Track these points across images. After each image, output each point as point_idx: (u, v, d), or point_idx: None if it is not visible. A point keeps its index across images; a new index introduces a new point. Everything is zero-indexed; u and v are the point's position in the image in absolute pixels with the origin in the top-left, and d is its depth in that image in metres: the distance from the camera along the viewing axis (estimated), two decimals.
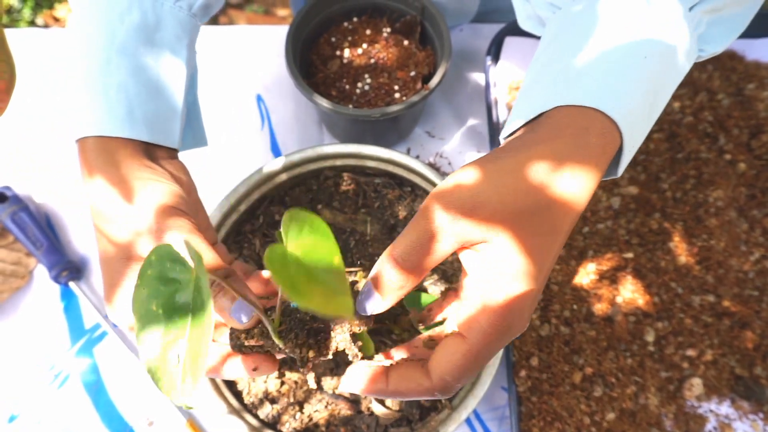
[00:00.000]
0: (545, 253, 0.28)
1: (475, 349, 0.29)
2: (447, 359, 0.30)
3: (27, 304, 0.65)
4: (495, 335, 0.28)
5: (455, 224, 0.28)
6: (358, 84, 0.67)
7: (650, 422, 0.59)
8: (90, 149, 0.39)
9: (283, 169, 0.59)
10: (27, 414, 0.60)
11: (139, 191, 0.37)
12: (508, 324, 0.28)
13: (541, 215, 0.28)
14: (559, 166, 0.28)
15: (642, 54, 0.32)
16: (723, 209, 0.66)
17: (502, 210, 0.28)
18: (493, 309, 0.28)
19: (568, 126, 0.30)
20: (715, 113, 0.71)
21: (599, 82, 0.32)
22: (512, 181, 0.28)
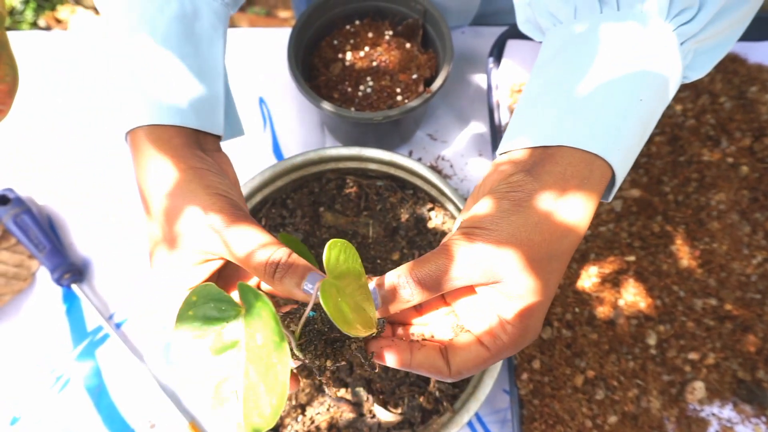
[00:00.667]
0: (553, 287, 0.34)
1: (494, 357, 0.35)
2: (468, 359, 0.35)
3: (29, 306, 0.65)
4: (511, 346, 0.34)
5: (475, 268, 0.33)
6: (360, 87, 0.67)
7: (652, 425, 0.59)
8: (143, 139, 0.39)
9: (285, 171, 0.59)
10: (29, 416, 0.60)
11: (195, 181, 0.37)
12: (523, 338, 0.34)
13: (550, 263, 0.33)
14: (567, 224, 0.33)
15: (639, 96, 0.35)
16: (725, 212, 0.66)
17: (520, 258, 0.32)
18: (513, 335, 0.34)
19: (573, 176, 0.34)
20: (717, 116, 0.71)
21: (600, 127, 0.34)
22: (528, 236, 0.32)
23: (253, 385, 0.27)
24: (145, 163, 0.39)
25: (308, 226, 0.60)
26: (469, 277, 0.33)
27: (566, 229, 0.33)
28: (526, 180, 0.34)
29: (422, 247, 0.59)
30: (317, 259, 0.58)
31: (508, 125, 0.39)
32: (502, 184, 0.35)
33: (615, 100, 0.35)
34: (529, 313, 0.33)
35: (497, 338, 0.34)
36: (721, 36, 0.40)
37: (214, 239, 0.35)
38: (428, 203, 0.61)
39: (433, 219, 0.60)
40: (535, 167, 0.35)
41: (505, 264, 0.32)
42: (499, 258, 0.32)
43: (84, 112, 0.74)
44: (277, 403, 0.26)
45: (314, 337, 0.35)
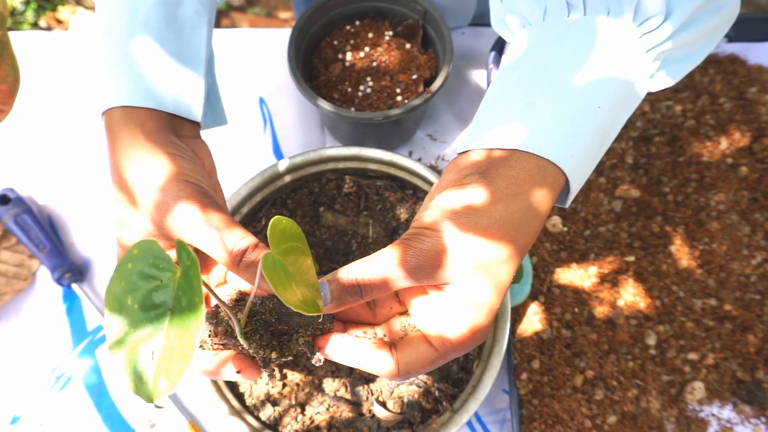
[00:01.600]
0: (503, 290, 0.34)
1: (442, 357, 0.35)
2: (416, 359, 0.35)
3: (30, 306, 0.65)
4: (459, 347, 0.35)
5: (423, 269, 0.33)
6: (360, 87, 0.67)
7: (652, 426, 0.59)
8: (117, 120, 0.39)
9: (285, 171, 0.60)
10: (29, 416, 0.60)
11: (164, 166, 0.37)
12: (471, 340, 0.35)
13: (500, 265, 0.33)
14: (519, 227, 0.34)
15: (597, 103, 0.35)
16: (725, 213, 0.66)
17: (469, 260, 0.33)
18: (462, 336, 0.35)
19: (525, 181, 0.34)
20: (716, 117, 0.71)
21: (556, 133, 0.35)
22: (478, 238, 0.33)
23: (171, 348, 0.27)
24: (117, 145, 0.38)
25: (308, 226, 0.60)
26: (417, 278, 0.33)
27: (515, 234, 0.33)
28: (479, 182, 0.34)
29: None
30: (317, 259, 0.58)
31: (471, 123, 0.39)
32: (455, 185, 0.35)
33: (572, 106, 0.35)
34: (477, 315, 0.34)
35: (445, 339, 0.34)
36: (692, 47, 0.40)
37: (182, 226, 0.35)
38: None
39: None
40: (489, 169, 0.35)
41: (453, 266, 0.33)
42: (447, 260, 0.32)
43: (84, 113, 0.74)
44: (184, 366, 0.26)
45: (260, 326, 0.35)
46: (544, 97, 0.36)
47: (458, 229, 0.33)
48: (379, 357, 0.35)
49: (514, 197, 0.34)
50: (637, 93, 0.38)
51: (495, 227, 0.33)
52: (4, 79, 0.35)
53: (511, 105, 0.37)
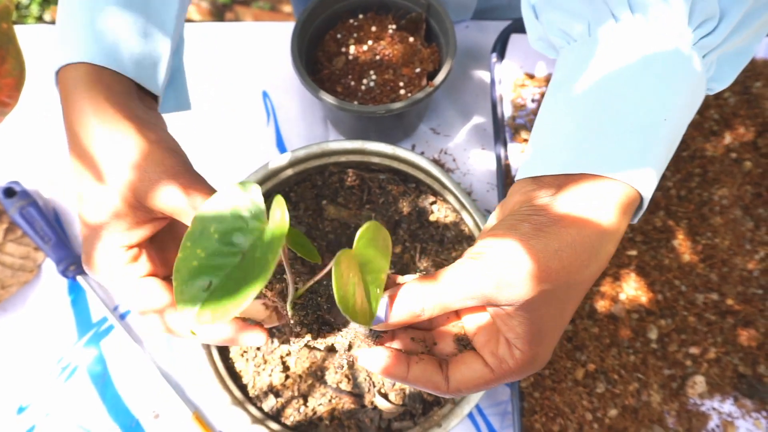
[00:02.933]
0: (568, 318, 0.34)
1: (497, 380, 0.34)
2: (469, 378, 0.34)
3: (35, 297, 0.66)
4: (517, 372, 0.34)
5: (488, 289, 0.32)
6: (364, 81, 0.67)
7: (652, 419, 0.59)
8: (78, 80, 0.36)
9: (288, 164, 0.60)
10: (36, 405, 0.61)
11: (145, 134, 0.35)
12: (530, 366, 0.34)
13: (567, 292, 0.32)
14: (590, 253, 0.32)
15: (663, 116, 0.34)
16: (728, 207, 0.66)
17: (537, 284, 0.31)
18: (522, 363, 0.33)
19: (600, 207, 0.33)
20: (721, 111, 0.71)
21: (624, 153, 0.33)
22: (546, 263, 0.31)
23: (227, 288, 0.27)
24: (78, 108, 0.36)
25: (311, 218, 0.61)
26: (480, 298, 0.32)
27: (588, 259, 0.32)
28: (549, 204, 0.33)
29: (424, 240, 0.60)
30: (319, 251, 0.59)
31: (528, 145, 0.38)
32: (524, 206, 0.34)
33: (639, 122, 0.34)
34: (539, 341, 0.33)
35: (503, 362, 0.34)
36: (743, 43, 0.38)
37: (173, 197, 0.34)
38: (430, 196, 0.61)
39: (435, 212, 0.61)
40: (559, 193, 0.33)
41: (519, 289, 0.31)
42: (515, 282, 0.31)
43: None
44: (232, 311, 0.26)
45: (311, 306, 0.35)
46: (608, 113, 0.34)
47: (527, 251, 0.31)
48: (429, 375, 0.35)
49: (586, 221, 0.32)
50: (698, 98, 0.36)
51: (567, 251, 0.31)
52: (9, 73, 0.35)
53: (571, 125, 0.36)
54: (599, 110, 0.35)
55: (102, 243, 0.36)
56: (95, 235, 0.36)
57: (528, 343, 0.33)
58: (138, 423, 0.61)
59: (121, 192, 0.35)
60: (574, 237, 0.31)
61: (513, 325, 0.33)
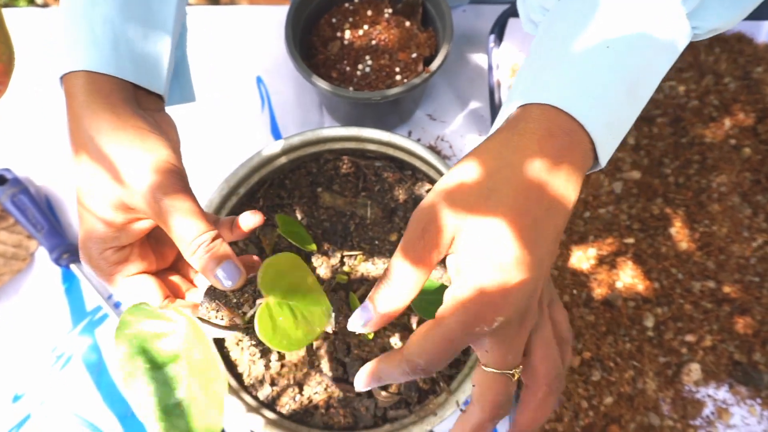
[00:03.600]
0: (541, 244, 0.30)
1: (447, 335, 0.30)
2: (417, 342, 0.31)
3: (28, 286, 0.65)
4: (471, 322, 0.29)
5: (459, 219, 0.30)
6: (359, 66, 0.66)
7: (647, 406, 0.59)
8: (80, 88, 0.37)
9: (282, 152, 0.59)
10: (31, 394, 0.61)
11: (135, 142, 0.36)
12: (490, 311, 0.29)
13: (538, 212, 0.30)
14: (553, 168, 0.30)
15: (604, 44, 0.32)
16: (726, 195, 0.66)
17: (502, 204, 0.29)
18: (473, 295, 0.29)
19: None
20: (721, 97, 0.70)
21: (563, 80, 0.32)
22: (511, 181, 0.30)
23: (195, 398, 0.28)
24: (80, 115, 0.36)
25: (306, 206, 0.60)
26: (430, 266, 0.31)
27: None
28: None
29: None
30: (315, 240, 0.58)
31: None
32: None
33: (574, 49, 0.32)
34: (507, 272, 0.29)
35: (452, 309, 0.30)
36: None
37: (150, 204, 0.35)
38: (427, 184, 0.60)
39: None
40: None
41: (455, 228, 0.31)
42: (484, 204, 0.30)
43: None
44: (220, 413, 0.28)
45: None
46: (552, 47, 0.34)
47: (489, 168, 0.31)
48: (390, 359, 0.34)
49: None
50: (669, 37, 0.33)
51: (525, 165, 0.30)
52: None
53: (525, 74, 0.36)
54: (547, 47, 0.35)
55: (94, 240, 0.37)
56: (88, 232, 0.37)
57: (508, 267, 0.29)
58: (133, 412, 0.61)
59: (113, 194, 0.36)
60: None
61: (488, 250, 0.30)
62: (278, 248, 0.58)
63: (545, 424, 0.57)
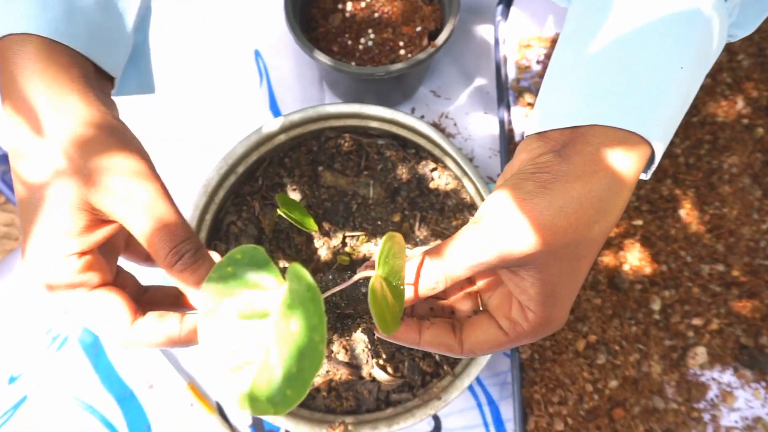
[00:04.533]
0: (579, 276, 0.32)
1: (511, 342, 0.34)
2: (484, 341, 0.34)
3: (21, 266, 0.63)
4: (531, 334, 0.33)
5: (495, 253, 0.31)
6: (361, 40, 0.63)
7: (652, 390, 0.58)
8: (31, 55, 0.31)
9: (282, 129, 0.57)
10: (27, 375, 0.60)
11: (109, 132, 0.31)
12: (545, 327, 0.33)
13: (577, 249, 0.31)
14: (597, 209, 0.30)
15: (679, 63, 0.31)
16: (737, 176, 0.64)
17: (546, 244, 0.30)
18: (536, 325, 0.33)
19: (606, 157, 0.31)
20: (734, 75, 0.68)
21: (636, 102, 0.31)
22: (551, 221, 0.30)
23: (270, 367, 0.25)
24: (33, 89, 0.31)
25: (307, 185, 0.58)
26: (486, 265, 0.31)
27: (596, 214, 0.30)
28: (554, 161, 0.31)
29: (424, 208, 0.57)
30: (316, 220, 0.57)
31: (537, 101, 0.36)
32: (528, 165, 0.32)
33: (652, 68, 0.31)
34: (553, 302, 0.32)
35: (517, 325, 0.33)
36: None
37: (123, 206, 0.31)
38: (431, 163, 0.59)
39: (436, 179, 0.58)
40: (565, 148, 0.32)
41: (524, 250, 0.30)
42: (521, 242, 0.30)
43: None
44: (292, 395, 0.24)
45: (329, 309, 0.34)
46: (618, 61, 0.32)
47: (530, 211, 0.30)
48: (442, 338, 0.34)
49: (592, 175, 0.30)
50: (718, 45, 0.34)
51: (572, 207, 0.30)
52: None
53: (578, 75, 0.33)
54: (611, 59, 0.32)
55: (53, 246, 0.31)
56: (42, 234, 0.31)
57: (541, 305, 0.32)
58: (132, 393, 0.60)
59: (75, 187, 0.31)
60: (579, 192, 0.30)
61: (525, 287, 0.32)
62: (278, 228, 0.57)
63: (549, 407, 0.57)
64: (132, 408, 0.59)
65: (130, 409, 0.59)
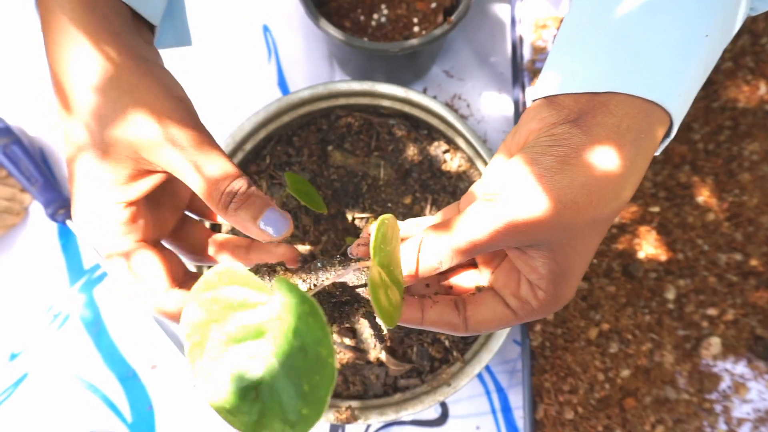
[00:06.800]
0: (591, 253, 0.31)
1: (519, 320, 0.33)
2: (490, 319, 0.33)
3: (23, 242, 0.62)
4: (540, 312, 0.32)
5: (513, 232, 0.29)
6: (374, 15, 0.61)
7: (664, 380, 0.57)
8: (68, 7, 0.30)
9: (291, 106, 0.55)
10: (28, 352, 0.59)
11: (148, 76, 0.31)
12: (554, 304, 0.32)
13: (594, 227, 0.30)
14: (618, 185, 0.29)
15: (704, 31, 0.29)
16: (758, 163, 0.62)
17: (559, 224, 0.29)
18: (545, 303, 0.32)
19: (629, 130, 0.29)
20: (757, 59, 0.66)
21: (661, 70, 0.29)
22: (573, 198, 0.28)
23: (278, 389, 0.23)
24: (70, 41, 0.30)
25: (316, 165, 0.57)
26: (504, 242, 0.29)
27: (615, 191, 0.29)
28: (572, 132, 0.29)
29: (436, 191, 0.56)
30: (325, 200, 0.55)
31: (546, 62, 0.34)
32: (543, 137, 0.30)
33: (677, 35, 0.29)
34: (564, 280, 0.31)
35: (526, 303, 0.32)
36: None
37: (171, 153, 0.30)
38: (443, 144, 0.57)
39: (448, 161, 0.57)
40: (583, 117, 0.29)
41: (545, 229, 0.28)
42: (539, 222, 0.28)
43: None
44: (310, 414, 0.22)
45: (323, 299, 0.32)
46: (641, 25, 0.30)
47: (551, 189, 0.28)
48: (445, 317, 0.33)
49: (615, 150, 0.29)
50: (742, 16, 0.32)
51: (595, 186, 0.28)
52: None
53: (597, 37, 0.31)
54: (632, 22, 0.30)
55: (97, 196, 0.31)
56: (88, 185, 0.31)
57: (552, 283, 0.31)
58: (135, 373, 0.59)
59: (118, 135, 0.30)
60: (602, 169, 0.28)
61: (535, 266, 0.31)
62: (286, 209, 0.55)
63: (559, 396, 0.56)
64: (134, 388, 0.58)
65: (133, 388, 0.58)
